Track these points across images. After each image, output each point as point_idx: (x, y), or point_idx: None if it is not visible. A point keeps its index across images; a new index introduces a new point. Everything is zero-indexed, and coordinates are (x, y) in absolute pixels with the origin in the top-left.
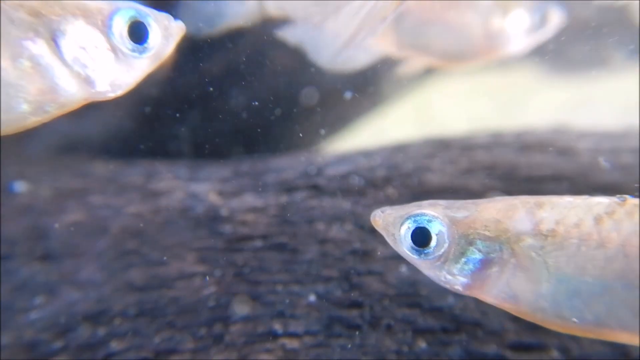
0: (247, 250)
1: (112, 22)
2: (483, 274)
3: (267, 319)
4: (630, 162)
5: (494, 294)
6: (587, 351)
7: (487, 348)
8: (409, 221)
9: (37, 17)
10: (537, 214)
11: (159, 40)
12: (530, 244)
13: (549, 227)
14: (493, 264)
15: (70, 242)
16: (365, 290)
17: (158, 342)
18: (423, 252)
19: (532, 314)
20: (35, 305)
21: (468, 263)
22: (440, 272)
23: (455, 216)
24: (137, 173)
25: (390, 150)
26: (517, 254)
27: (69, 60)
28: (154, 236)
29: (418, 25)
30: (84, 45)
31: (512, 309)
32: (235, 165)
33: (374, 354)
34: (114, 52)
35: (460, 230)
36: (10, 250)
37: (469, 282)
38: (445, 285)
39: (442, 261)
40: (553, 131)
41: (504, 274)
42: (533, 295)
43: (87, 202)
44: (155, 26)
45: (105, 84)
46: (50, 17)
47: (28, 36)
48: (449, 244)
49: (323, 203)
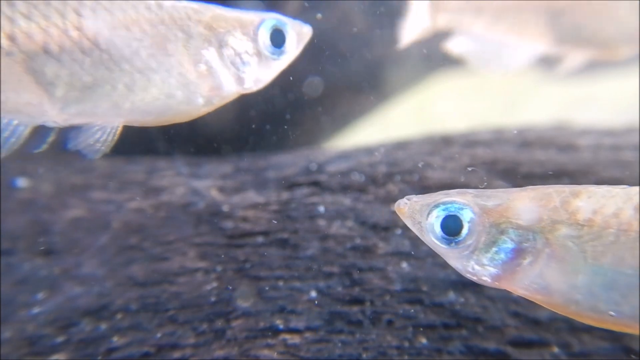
0: (248, 246)
1: (259, 31)
2: (515, 264)
3: (268, 315)
4: (631, 159)
5: (525, 285)
6: (588, 347)
7: (487, 344)
8: (438, 209)
9: (210, 30)
10: (573, 203)
11: (294, 44)
12: (566, 233)
13: (586, 217)
14: (526, 253)
15: (72, 238)
16: (366, 286)
17: (159, 337)
18: (453, 240)
19: (565, 306)
20: (37, 300)
21: (499, 252)
22: (468, 262)
23: (486, 204)
24: (139, 169)
25: (391, 147)
26: (552, 243)
27: (229, 63)
28: (156, 232)
29: (578, 18)
30: (239, 51)
31: (544, 300)
32: (236, 162)
33: (375, 350)
34: (258, 55)
35: (492, 219)
36: (12, 245)
37: (499, 273)
38: (471, 277)
39: (471, 250)
40: (554, 128)
41: (537, 264)
42: (567, 286)
43: (88, 197)
44: (291, 32)
45: (251, 82)
46: (219, 29)
47: (204, 46)
48: (479, 233)
49: (324, 199)
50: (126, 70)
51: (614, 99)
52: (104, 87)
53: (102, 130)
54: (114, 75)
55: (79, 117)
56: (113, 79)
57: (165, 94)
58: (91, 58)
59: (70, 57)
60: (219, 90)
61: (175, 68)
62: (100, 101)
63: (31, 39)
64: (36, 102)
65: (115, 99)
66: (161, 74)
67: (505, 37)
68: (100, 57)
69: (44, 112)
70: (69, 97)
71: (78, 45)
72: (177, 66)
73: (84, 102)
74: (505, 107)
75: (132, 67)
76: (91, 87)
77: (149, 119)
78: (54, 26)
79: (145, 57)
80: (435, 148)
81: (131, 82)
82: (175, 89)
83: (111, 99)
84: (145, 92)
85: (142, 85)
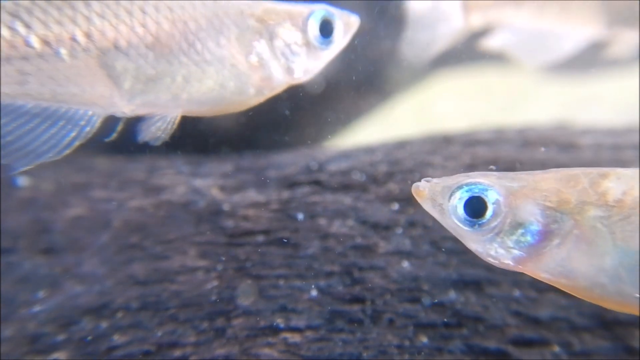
0: (249, 245)
1: (308, 22)
2: (541, 247)
3: (269, 313)
4: (632, 158)
5: (550, 268)
6: (588, 346)
7: (488, 343)
8: (462, 191)
9: (261, 23)
10: (602, 184)
11: (341, 34)
12: (595, 214)
13: (616, 198)
14: (553, 235)
15: (73, 236)
16: (366, 285)
17: (160, 335)
18: (477, 223)
19: (589, 289)
20: (37, 298)
21: (525, 235)
22: (491, 245)
23: (511, 186)
24: (139, 168)
25: (392, 146)
26: (581, 225)
27: (279, 55)
28: (156, 230)
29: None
30: (289, 42)
31: (567, 284)
32: (237, 161)
33: (375, 349)
34: (307, 46)
35: (518, 201)
36: (13, 243)
37: (524, 255)
38: (492, 261)
39: (495, 233)
40: (555, 127)
41: (564, 246)
42: (594, 269)
43: (89, 196)
44: (339, 23)
45: (300, 72)
46: (269, 22)
47: (256, 38)
48: (505, 215)
49: (325, 198)
50: (184, 63)
51: (614, 98)
52: (164, 80)
53: (162, 120)
54: (173, 68)
55: (143, 107)
56: (172, 71)
57: (219, 85)
58: (154, 52)
59: (136, 52)
60: (269, 81)
61: (228, 60)
62: (161, 92)
63: (104, 36)
64: (108, 94)
65: (174, 91)
66: (215, 65)
67: (551, 26)
68: (161, 51)
69: (114, 103)
70: (134, 90)
71: (143, 40)
72: (230, 58)
73: (147, 93)
74: (505, 107)
75: (189, 60)
76: (153, 79)
77: (205, 109)
78: (122, 24)
79: (201, 50)
80: (436, 147)
81: (188, 74)
82: (228, 80)
83: (170, 90)
84: (201, 83)
85: (198, 77)
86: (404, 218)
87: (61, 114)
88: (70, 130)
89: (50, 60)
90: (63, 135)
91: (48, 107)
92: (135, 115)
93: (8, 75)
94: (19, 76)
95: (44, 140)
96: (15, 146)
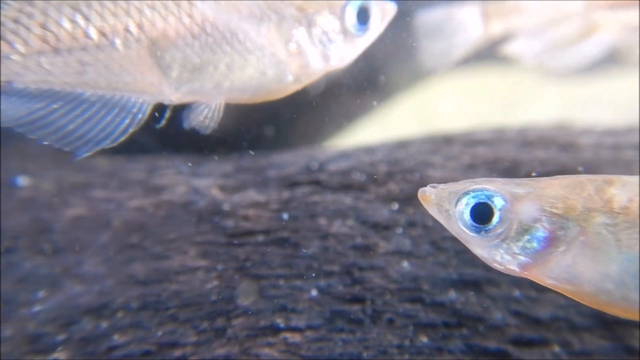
0: (249, 245)
1: (346, 9)
2: (547, 253)
3: (269, 313)
4: (632, 158)
5: (556, 274)
6: (589, 346)
7: (488, 343)
8: (468, 197)
9: (300, 11)
10: (608, 191)
11: (378, 21)
12: (601, 221)
13: (622, 205)
14: (559, 242)
15: (73, 236)
16: (367, 284)
17: (160, 335)
18: (484, 229)
19: (594, 296)
20: (37, 298)
21: (532, 241)
22: (497, 251)
23: (517, 192)
24: (139, 168)
25: (392, 146)
26: (587, 231)
27: (316, 42)
28: (156, 230)
29: None
30: (327, 30)
31: (572, 290)
32: (237, 161)
33: (375, 349)
34: (344, 33)
35: (524, 207)
36: (13, 243)
37: (530, 262)
38: (497, 266)
39: (501, 239)
40: (555, 127)
41: (570, 253)
42: (600, 275)
43: (89, 196)
44: (376, 10)
45: (337, 59)
46: (309, 10)
47: (295, 26)
48: (511, 221)
49: (325, 198)
50: (227, 52)
51: (614, 98)
52: (208, 68)
53: (207, 108)
54: (216, 57)
55: (189, 95)
56: (216, 60)
57: (259, 73)
58: (199, 42)
59: (183, 41)
60: (307, 68)
61: (268, 48)
62: (205, 81)
63: (155, 27)
64: (157, 82)
65: (218, 79)
66: (256, 54)
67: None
68: (206, 41)
69: (162, 91)
70: (181, 78)
71: (190, 30)
72: (270, 46)
73: (192, 82)
74: (505, 107)
75: (232, 49)
76: (199, 68)
77: (246, 96)
78: (171, 14)
79: (242, 40)
80: (436, 147)
81: (231, 63)
82: (268, 68)
83: (214, 78)
84: (243, 71)
85: (240, 65)
86: (404, 218)
87: (115, 102)
88: (125, 117)
89: (107, 50)
90: (118, 123)
91: (104, 95)
92: (181, 103)
93: (69, 66)
94: (79, 66)
95: (101, 127)
96: (76, 134)
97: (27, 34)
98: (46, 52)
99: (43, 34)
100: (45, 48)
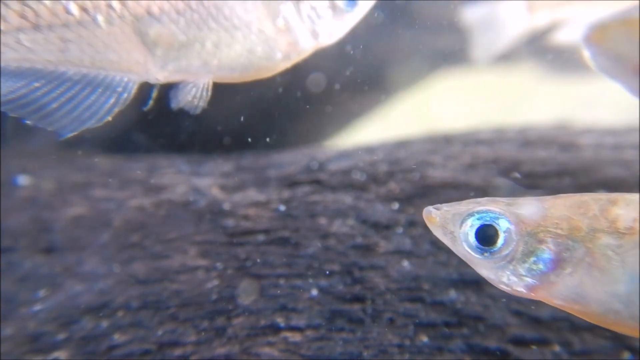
0: (249, 244)
1: None
2: (553, 274)
3: (269, 313)
4: (632, 158)
5: (563, 295)
6: (589, 346)
7: (489, 342)
8: (472, 218)
9: None
10: (612, 211)
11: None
12: (607, 242)
13: (627, 225)
14: (566, 263)
15: (73, 235)
16: (367, 284)
17: (160, 334)
18: (489, 251)
19: (603, 315)
20: (38, 297)
21: (537, 263)
22: (503, 273)
23: (521, 213)
24: (140, 167)
25: (392, 146)
26: (593, 252)
27: (305, 17)
28: (157, 229)
29: None
30: (315, 5)
31: (581, 310)
32: (237, 160)
33: (375, 348)
34: (333, 8)
35: (529, 228)
36: (13, 242)
37: (537, 283)
38: (504, 288)
39: (507, 261)
40: (556, 127)
41: (577, 274)
42: (607, 296)
43: (89, 195)
44: None
45: (326, 36)
46: None
47: (282, 2)
48: (516, 243)
49: (325, 198)
50: (213, 29)
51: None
52: (194, 45)
53: (196, 87)
54: (202, 34)
55: (175, 74)
56: (202, 37)
57: (247, 50)
58: (184, 18)
59: (168, 18)
60: (296, 45)
61: (255, 24)
62: (192, 59)
63: (138, 3)
64: (142, 60)
65: (205, 57)
66: (243, 30)
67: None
68: (191, 17)
69: (148, 70)
70: (167, 56)
71: (174, 7)
72: (257, 23)
73: (179, 60)
74: (506, 107)
75: (218, 25)
76: (185, 45)
77: (235, 75)
78: None
79: (229, 16)
80: (436, 147)
81: (217, 40)
82: (256, 45)
83: (201, 56)
84: (230, 49)
85: (226, 43)
86: (405, 217)
87: (100, 81)
88: (109, 96)
89: (89, 27)
90: (103, 102)
91: (87, 73)
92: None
93: (51, 43)
94: (61, 43)
95: (86, 106)
96: (60, 113)
97: (5, 10)
98: (25, 28)
99: (21, 10)
100: (25, 24)
